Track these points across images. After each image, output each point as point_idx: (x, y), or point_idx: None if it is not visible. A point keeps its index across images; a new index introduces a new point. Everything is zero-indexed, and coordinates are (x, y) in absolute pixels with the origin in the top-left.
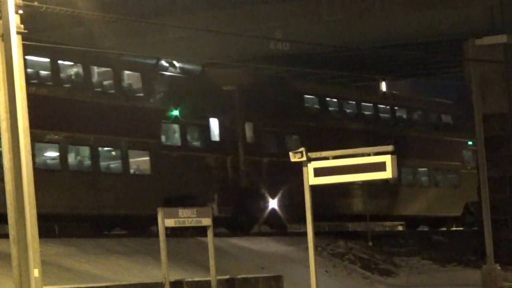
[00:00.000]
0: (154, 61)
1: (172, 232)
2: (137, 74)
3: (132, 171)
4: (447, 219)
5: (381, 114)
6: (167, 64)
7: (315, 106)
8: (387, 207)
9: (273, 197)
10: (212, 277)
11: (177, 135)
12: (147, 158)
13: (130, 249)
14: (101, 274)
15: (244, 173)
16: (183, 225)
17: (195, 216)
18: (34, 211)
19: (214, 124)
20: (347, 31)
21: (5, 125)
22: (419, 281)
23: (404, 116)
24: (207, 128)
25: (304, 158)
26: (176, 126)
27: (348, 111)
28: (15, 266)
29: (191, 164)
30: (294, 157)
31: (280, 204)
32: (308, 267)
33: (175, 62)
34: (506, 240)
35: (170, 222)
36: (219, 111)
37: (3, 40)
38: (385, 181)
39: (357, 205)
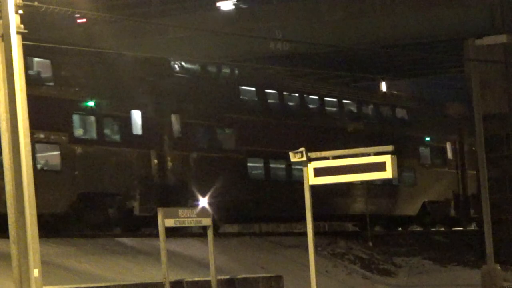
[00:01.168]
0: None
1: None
2: (46, 62)
3: (39, 166)
4: (403, 218)
5: (327, 108)
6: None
7: (253, 98)
8: (338, 206)
9: (203, 195)
10: (212, 277)
11: (92, 128)
12: (57, 152)
13: (130, 249)
14: (101, 274)
15: (170, 169)
16: (183, 225)
17: (195, 216)
18: (34, 211)
19: (136, 116)
20: (347, 31)
21: (5, 125)
22: (419, 281)
23: (354, 109)
24: (128, 121)
25: (304, 158)
26: (91, 118)
27: (290, 104)
28: (15, 266)
29: (109, 159)
30: (294, 157)
31: (212, 202)
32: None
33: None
34: (506, 240)
35: (170, 222)
36: (143, 102)
37: (3, 40)
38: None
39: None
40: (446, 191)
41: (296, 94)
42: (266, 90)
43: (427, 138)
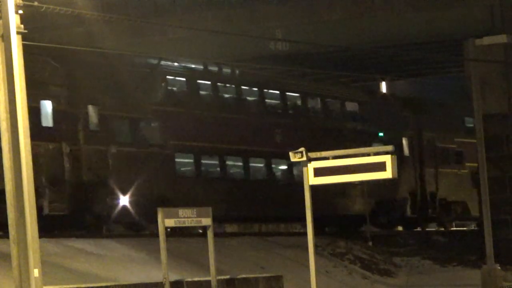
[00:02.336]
0: None
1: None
2: None
3: None
4: (355, 218)
5: (268, 100)
6: None
7: (183, 89)
8: (285, 207)
9: (124, 193)
10: (212, 277)
11: None
12: None
13: (130, 249)
14: (101, 274)
15: (86, 164)
16: (183, 225)
17: (195, 216)
18: (34, 211)
19: (46, 107)
20: (347, 31)
21: (5, 125)
22: (419, 281)
23: (298, 102)
24: (36, 112)
25: (304, 158)
26: None
27: (225, 96)
28: (15, 266)
29: None
30: (294, 157)
31: (134, 201)
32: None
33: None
34: (506, 240)
35: (170, 222)
36: (55, 92)
37: (3, 40)
38: (281, 178)
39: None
40: (402, 189)
41: (233, 86)
42: (199, 81)
43: (381, 134)
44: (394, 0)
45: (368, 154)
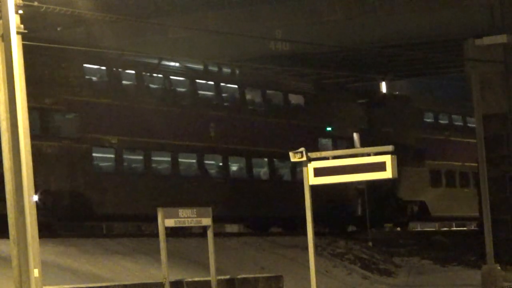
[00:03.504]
0: None
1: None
2: None
3: None
4: (302, 219)
5: (201, 92)
6: None
7: (103, 79)
8: (226, 207)
9: (35, 191)
10: (212, 277)
11: None
12: None
13: (130, 249)
14: (101, 274)
15: None
16: (183, 225)
17: (195, 216)
18: (34, 211)
19: None
20: (347, 31)
21: (5, 125)
22: (419, 281)
23: (237, 94)
24: None
25: (304, 158)
26: None
27: (152, 86)
28: (15, 266)
29: None
30: (294, 157)
31: (44, 198)
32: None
33: None
34: (506, 240)
35: (170, 222)
36: None
37: (3, 40)
38: (215, 174)
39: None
40: (351, 188)
41: (160, 75)
42: (126, 71)
43: (329, 128)
44: (394, 0)
45: (368, 154)
